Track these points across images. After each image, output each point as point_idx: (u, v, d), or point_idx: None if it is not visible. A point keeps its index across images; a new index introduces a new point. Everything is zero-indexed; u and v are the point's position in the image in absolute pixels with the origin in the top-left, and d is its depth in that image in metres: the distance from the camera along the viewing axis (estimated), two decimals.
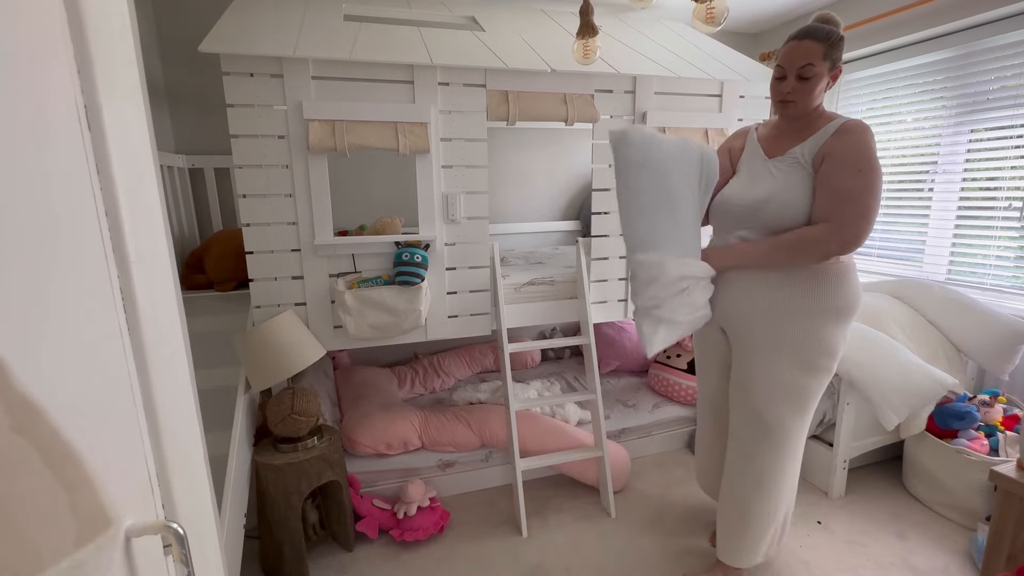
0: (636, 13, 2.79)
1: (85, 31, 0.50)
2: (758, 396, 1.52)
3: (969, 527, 1.95)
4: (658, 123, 2.18)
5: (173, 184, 2.36)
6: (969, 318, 2.21)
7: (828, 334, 1.45)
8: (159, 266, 0.64)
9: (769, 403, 1.51)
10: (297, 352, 1.75)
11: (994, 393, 2.18)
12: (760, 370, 1.50)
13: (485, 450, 2.28)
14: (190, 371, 0.72)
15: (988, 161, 2.33)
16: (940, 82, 2.50)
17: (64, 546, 0.37)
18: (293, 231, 1.83)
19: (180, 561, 0.55)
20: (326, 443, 1.81)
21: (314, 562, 1.84)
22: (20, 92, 0.40)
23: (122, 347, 0.53)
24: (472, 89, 1.94)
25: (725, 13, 1.49)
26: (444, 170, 1.96)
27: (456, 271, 2.06)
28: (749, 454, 1.58)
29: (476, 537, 1.97)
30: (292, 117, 1.75)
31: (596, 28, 1.80)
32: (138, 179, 0.60)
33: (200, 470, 0.72)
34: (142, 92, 0.64)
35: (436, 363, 2.93)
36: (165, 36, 2.42)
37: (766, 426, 1.52)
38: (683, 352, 2.75)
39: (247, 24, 1.81)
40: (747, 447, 1.58)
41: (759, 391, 1.51)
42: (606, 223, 2.23)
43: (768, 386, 1.50)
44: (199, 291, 2.27)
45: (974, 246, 2.42)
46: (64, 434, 0.38)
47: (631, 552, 1.87)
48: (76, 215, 0.47)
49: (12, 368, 0.34)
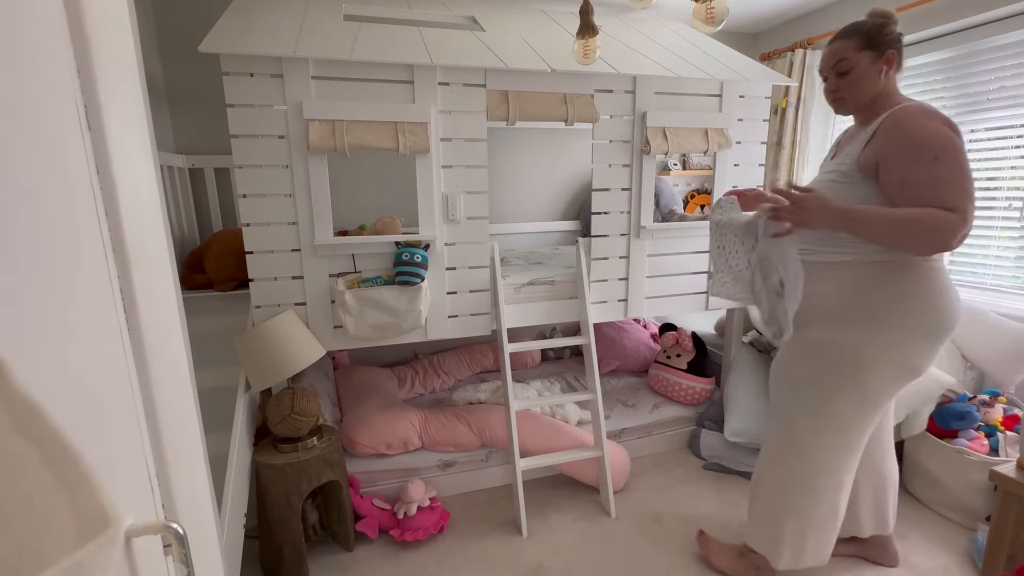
0: (636, 13, 2.80)
1: (85, 31, 0.50)
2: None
3: (969, 527, 1.95)
4: (658, 123, 2.18)
5: (173, 184, 2.36)
6: (977, 327, 2.19)
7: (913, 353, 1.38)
8: (159, 266, 0.64)
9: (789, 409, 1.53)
10: (297, 352, 1.75)
11: (994, 393, 2.18)
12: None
13: (485, 450, 2.28)
14: (190, 371, 0.72)
15: (988, 161, 2.33)
16: (940, 82, 2.49)
17: (64, 546, 0.37)
18: (293, 231, 1.83)
19: (180, 561, 0.55)
20: (326, 443, 1.81)
21: (314, 562, 1.84)
22: (20, 92, 0.40)
23: (122, 347, 0.53)
24: (472, 89, 1.94)
25: (725, 13, 1.48)
26: (444, 170, 1.96)
27: (456, 271, 2.06)
28: (772, 451, 1.61)
29: (476, 537, 1.97)
30: (292, 117, 1.75)
31: (596, 28, 1.80)
32: (138, 179, 0.60)
33: (200, 470, 0.72)
34: (142, 92, 0.64)
35: (436, 363, 2.93)
36: (165, 36, 2.42)
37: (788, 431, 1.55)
38: (683, 352, 2.75)
39: (247, 24, 1.81)
40: (771, 447, 1.62)
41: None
42: (606, 223, 2.23)
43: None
44: (199, 291, 2.26)
45: (974, 246, 2.41)
46: (64, 434, 0.38)
47: (631, 552, 1.87)
48: (76, 215, 0.47)
49: (12, 368, 0.34)
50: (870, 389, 1.42)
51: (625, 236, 2.29)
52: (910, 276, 1.34)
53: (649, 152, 2.18)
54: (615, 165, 2.21)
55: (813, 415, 1.49)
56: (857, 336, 1.39)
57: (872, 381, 1.41)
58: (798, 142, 2.89)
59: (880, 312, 1.36)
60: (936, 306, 1.34)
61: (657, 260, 2.37)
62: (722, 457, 2.41)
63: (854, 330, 1.40)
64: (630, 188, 2.26)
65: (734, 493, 2.21)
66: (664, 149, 2.18)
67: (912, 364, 1.39)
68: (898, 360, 1.38)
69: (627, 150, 2.22)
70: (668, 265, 2.39)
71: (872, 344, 1.38)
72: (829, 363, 1.44)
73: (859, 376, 1.41)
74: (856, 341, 1.39)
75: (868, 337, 1.38)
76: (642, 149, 2.21)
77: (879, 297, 1.36)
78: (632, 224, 2.29)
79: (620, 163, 2.22)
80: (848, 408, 1.45)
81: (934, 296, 1.34)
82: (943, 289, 1.35)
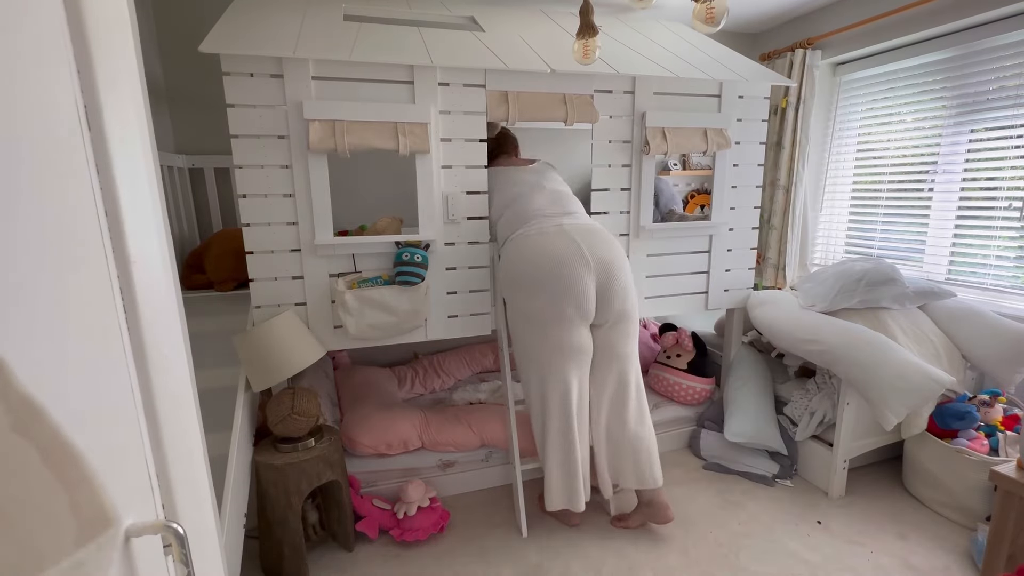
0: (636, 13, 2.80)
1: (85, 31, 0.50)
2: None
3: (969, 527, 1.95)
4: (657, 123, 2.18)
5: (173, 184, 2.36)
6: (977, 327, 2.19)
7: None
8: (159, 266, 0.64)
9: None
10: (297, 352, 1.75)
11: (994, 393, 2.18)
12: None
13: (485, 450, 2.28)
14: (190, 371, 0.72)
15: (988, 161, 2.34)
16: (940, 82, 2.50)
17: (64, 546, 0.37)
18: (293, 231, 1.83)
19: (180, 561, 0.55)
20: (326, 443, 1.81)
21: (314, 562, 1.84)
22: (20, 92, 0.40)
23: (122, 347, 0.53)
24: (472, 89, 1.94)
25: (725, 13, 1.48)
26: (444, 170, 1.96)
27: (456, 271, 2.07)
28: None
29: (476, 537, 1.97)
30: (292, 117, 1.75)
31: (596, 28, 1.80)
32: (138, 179, 0.60)
33: (200, 470, 0.73)
34: (142, 92, 0.64)
35: (436, 363, 2.93)
36: (165, 36, 2.42)
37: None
38: (683, 352, 2.75)
39: (247, 24, 1.82)
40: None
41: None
42: (605, 223, 2.23)
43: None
44: (199, 291, 2.27)
45: (974, 246, 2.42)
46: (64, 434, 0.38)
47: (631, 552, 1.87)
48: (76, 215, 0.47)
49: (12, 368, 0.34)
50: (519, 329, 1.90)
51: (625, 236, 2.29)
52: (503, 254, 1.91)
53: (648, 152, 2.18)
54: (615, 165, 2.22)
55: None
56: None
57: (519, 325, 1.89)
58: (798, 142, 2.89)
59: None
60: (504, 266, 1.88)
61: (657, 260, 2.37)
62: (722, 457, 2.41)
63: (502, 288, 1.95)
64: (630, 188, 2.26)
65: (734, 493, 2.21)
66: (663, 149, 2.18)
67: (519, 309, 1.86)
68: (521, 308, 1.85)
69: (627, 150, 2.22)
70: (668, 265, 2.40)
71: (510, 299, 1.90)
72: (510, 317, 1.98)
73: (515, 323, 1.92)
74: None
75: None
76: (641, 149, 2.21)
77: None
78: (632, 224, 2.29)
79: (620, 163, 2.22)
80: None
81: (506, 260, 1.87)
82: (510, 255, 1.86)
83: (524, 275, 1.80)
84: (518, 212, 1.92)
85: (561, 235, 1.82)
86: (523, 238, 1.83)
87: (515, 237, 1.86)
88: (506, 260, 1.87)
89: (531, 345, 1.85)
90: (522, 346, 1.90)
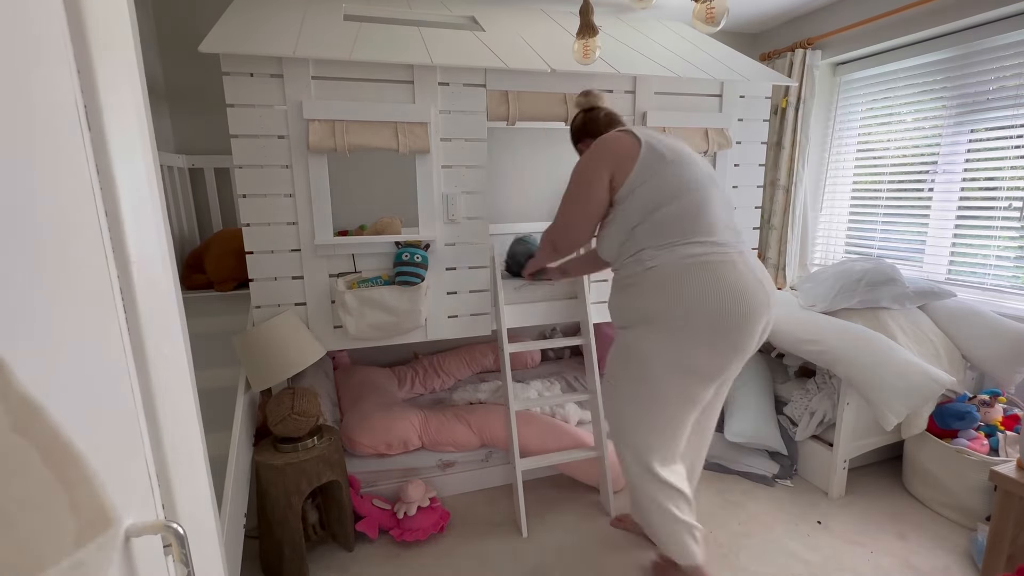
0: (636, 13, 2.79)
1: (85, 31, 0.50)
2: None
3: (969, 527, 1.95)
4: (658, 123, 2.18)
5: (173, 184, 2.36)
6: (977, 327, 2.19)
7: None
8: (159, 266, 0.64)
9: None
10: (297, 352, 1.75)
11: (994, 393, 2.18)
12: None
13: (485, 450, 2.28)
14: (190, 371, 0.72)
15: (988, 161, 2.33)
16: (940, 82, 2.50)
17: (64, 546, 0.37)
18: (293, 231, 1.83)
19: (180, 561, 0.55)
20: (326, 443, 1.81)
21: (314, 562, 1.84)
22: (20, 92, 0.40)
23: (122, 347, 0.53)
24: (472, 89, 1.94)
25: (725, 13, 1.48)
26: (444, 170, 1.96)
27: (456, 271, 2.06)
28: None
29: (476, 537, 1.97)
30: (292, 117, 1.75)
31: (596, 28, 1.80)
32: (138, 179, 0.60)
33: (200, 470, 0.72)
34: (142, 92, 0.64)
35: (436, 363, 2.93)
36: (165, 36, 2.42)
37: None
38: None
39: (247, 24, 1.81)
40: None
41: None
42: None
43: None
44: (199, 291, 2.27)
45: (974, 246, 2.42)
46: (64, 434, 0.38)
47: (631, 552, 1.87)
48: (76, 215, 0.47)
49: (12, 368, 0.34)
50: (656, 384, 1.48)
51: None
52: (647, 279, 1.44)
53: None
54: None
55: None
56: (635, 334, 1.50)
57: (657, 375, 1.47)
58: (798, 142, 2.89)
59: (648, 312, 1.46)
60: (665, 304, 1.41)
61: None
62: (722, 457, 2.41)
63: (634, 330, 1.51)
64: None
65: (734, 493, 2.21)
66: None
67: (685, 364, 1.43)
68: (673, 358, 1.44)
69: None
70: None
71: (647, 340, 1.47)
72: (624, 360, 1.55)
73: (643, 371, 1.49)
74: (636, 338, 1.50)
75: (644, 334, 1.48)
76: None
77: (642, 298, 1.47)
78: None
79: None
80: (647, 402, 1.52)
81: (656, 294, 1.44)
82: (658, 287, 1.42)
83: (697, 316, 1.36)
84: (684, 218, 1.41)
85: (748, 270, 1.40)
86: (700, 265, 1.37)
87: (680, 260, 1.38)
88: (657, 287, 1.41)
89: (657, 398, 1.47)
90: (637, 399, 1.51)
